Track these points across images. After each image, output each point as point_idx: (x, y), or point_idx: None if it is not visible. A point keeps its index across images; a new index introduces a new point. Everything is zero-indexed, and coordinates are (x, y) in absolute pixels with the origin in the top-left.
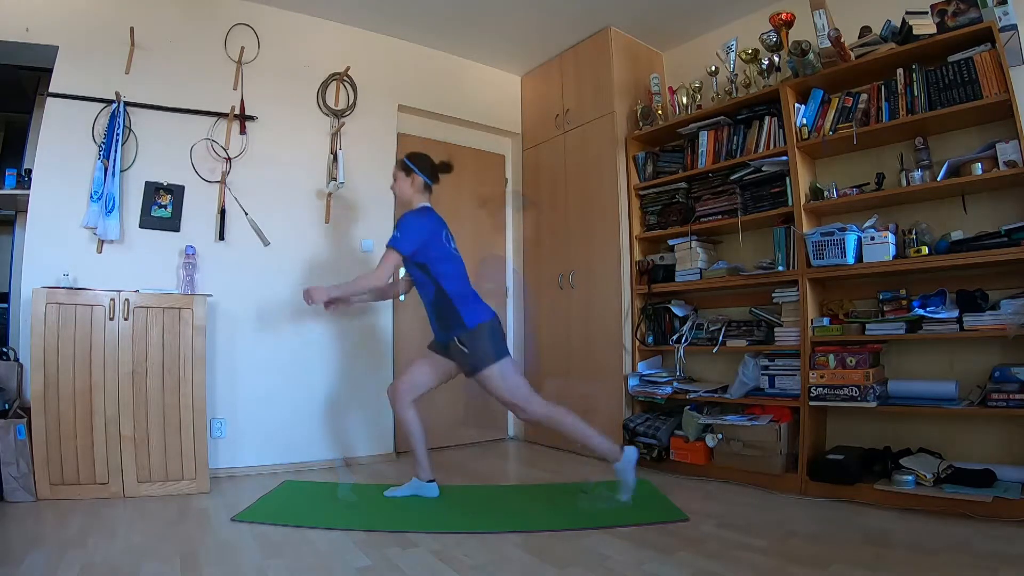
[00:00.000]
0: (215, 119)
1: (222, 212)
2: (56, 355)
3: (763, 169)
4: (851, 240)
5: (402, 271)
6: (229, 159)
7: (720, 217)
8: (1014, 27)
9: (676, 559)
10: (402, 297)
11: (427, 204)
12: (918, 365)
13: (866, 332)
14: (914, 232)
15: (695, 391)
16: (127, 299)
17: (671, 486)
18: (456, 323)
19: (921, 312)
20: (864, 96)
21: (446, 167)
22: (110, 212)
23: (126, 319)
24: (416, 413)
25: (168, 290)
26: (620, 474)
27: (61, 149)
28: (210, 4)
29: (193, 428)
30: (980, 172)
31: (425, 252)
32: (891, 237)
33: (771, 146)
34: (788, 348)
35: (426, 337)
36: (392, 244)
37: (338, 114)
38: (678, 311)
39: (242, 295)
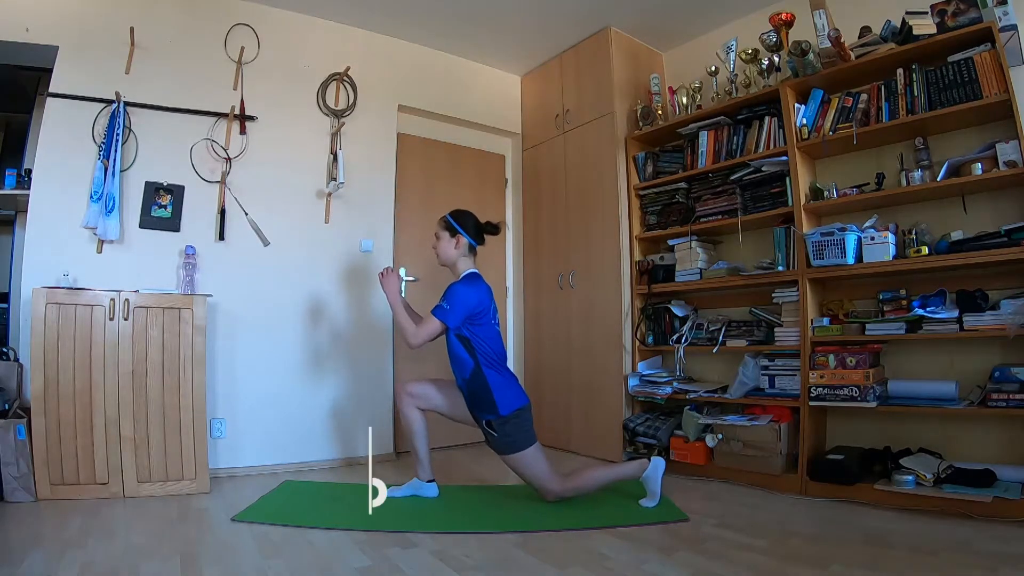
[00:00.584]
0: (215, 119)
1: (222, 212)
2: (56, 355)
3: (763, 169)
4: (851, 240)
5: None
6: (229, 159)
7: (720, 217)
8: (1014, 27)
9: (676, 559)
10: None
11: (475, 270)
12: (918, 365)
13: (866, 332)
14: (914, 232)
15: (695, 391)
16: (127, 299)
17: (671, 486)
18: (489, 407)
19: (921, 312)
20: (864, 96)
21: (493, 229)
22: (110, 212)
23: (126, 319)
24: (420, 414)
25: (168, 290)
26: (646, 483)
27: (61, 149)
28: (210, 4)
29: (193, 428)
30: (980, 172)
31: (471, 327)
32: (891, 237)
33: (771, 146)
34: (788, 348)
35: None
36: (439, 316)
37: (338, 114)
38: (678, 311)
39: (242, 295)
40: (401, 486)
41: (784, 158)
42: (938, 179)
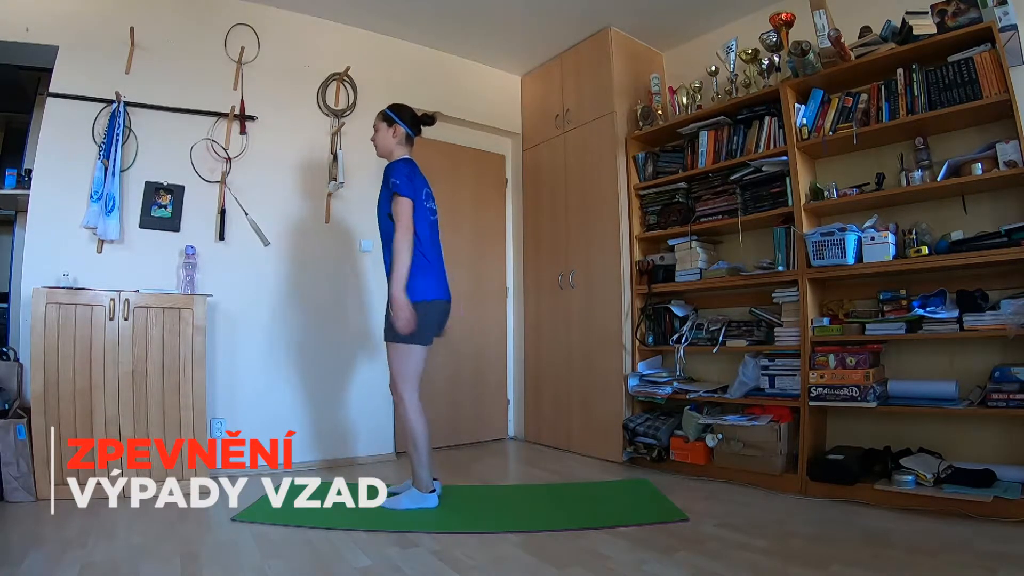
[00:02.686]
0: (215, 119)
1: (222, 212)
2: (56, 355)
3: (763, 169)
4: (851, 240)
5: None
6: (229, 159)
7: (720, 217)
8: (1014, 27)
9: (676, 559)
10: None
11: (409, 156)
12: (918, 365)
13: (866, 332)
14: (914, 232)
15: (695, 391)
16: (127, 299)
17: (671, 486)
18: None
19: (921, 312)
20: (864, 96)
21: (428, 119)
22: (110, 212)
23: (126, 319)
24: (425, 418)
25: (168, 290)
26: (406, 493)
27: (61, 149)
28: (210, 4)
29: (193, 428)
30: (980, 172)
31: None
32: (891, 237)
33: (771, 146)
34: (788, 348)
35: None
36: (401, 192)
37: (338, 114)
38: (678, 311)
39: (242, 295)
40: (399, 494)
41: (784, 158)
42: (938, 179)
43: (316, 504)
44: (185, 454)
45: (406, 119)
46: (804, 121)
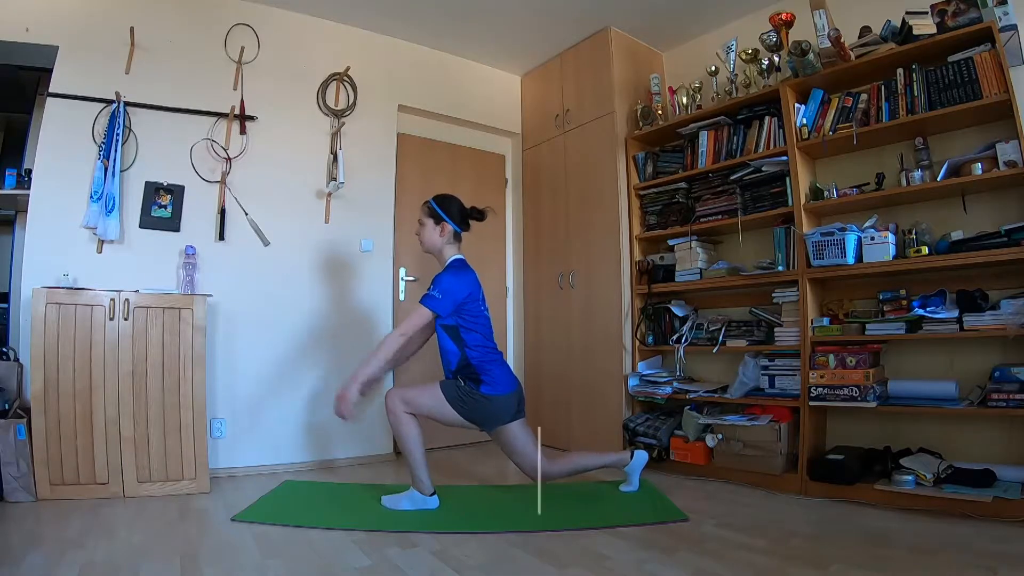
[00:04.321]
0: (215, 119)
1: (222, 212)
2: (56, 355)
3: (763, 169)
4: (851, 240)
5: None
6: (229, 159)
7: (720, 217)
8: (1014, 27)
9: (676, 559)
10: None
11: (461, 257)
12: (918, 365)
13: (866, 332)
14: (914, 232)
15: (695, 391)
16: (127, 299)
17: (671, 486)
18: (476, 382)
19: (921, 312)
20: (864, 96)
21: (479, 214)
22: (110, 212)
23: (126, 319)
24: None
25: (168, 290)
26: (406, 494)
27: (61, 149)
28: (210, 4)
29: (193, 428)
30: (980, 172)
31: (459, 315)
32: (891, 237)
33: (771, 146)
34: (788, 348)
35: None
36: (429, 304)
37: (338, 114)
38: (678, 311)
39: (242, 295)
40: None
41: (784, 158)
42: (938, 179)
43: (316, 504)
44: (185, 454)
45: (454, 216)
46: (804, 121)
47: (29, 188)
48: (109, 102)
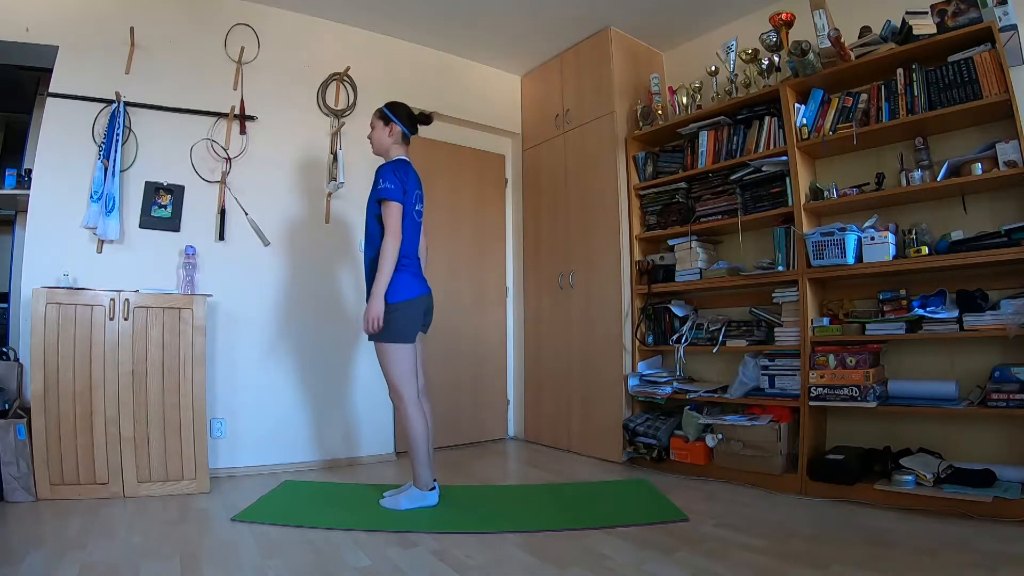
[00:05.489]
0: (215, 119)
1: (222, 212)
2: (56, 355)
3: (763, 169)
4: (851, 240)
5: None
6: (229, 159)
7: (720, 217)
8: (1014, 27)
9: (676, 559)
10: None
11: (404, 156)
12: (918, 365)
13: (866, 332)
14: (914, 232)
15: (695, 391)
16: (127, 299)
17: (671, 486)
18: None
19: (921, 312)
20: (864, 96)
21: (425, 118)
22: (110, 212)
23: (126, 319)
24: (424, 416)
25: (168, 290)
26: (405, 492)
27: (61, 149)
28: (210, 4)
29: (193, 428)
30: (980, 172)
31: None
32: (891, 237)
33: (771, 146)
34: (788, 348)
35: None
36: (388, 196)
37: (338, 114)
38: (678, 311)
39: (242, 295)
40: (398, 495)
41: (784, 158)
42: (938, 179)
43: (316, 504)
44: (185, 454)
45: (402, 117)
46: (804, 121)
47: (29, 188)
48: (109, 102)
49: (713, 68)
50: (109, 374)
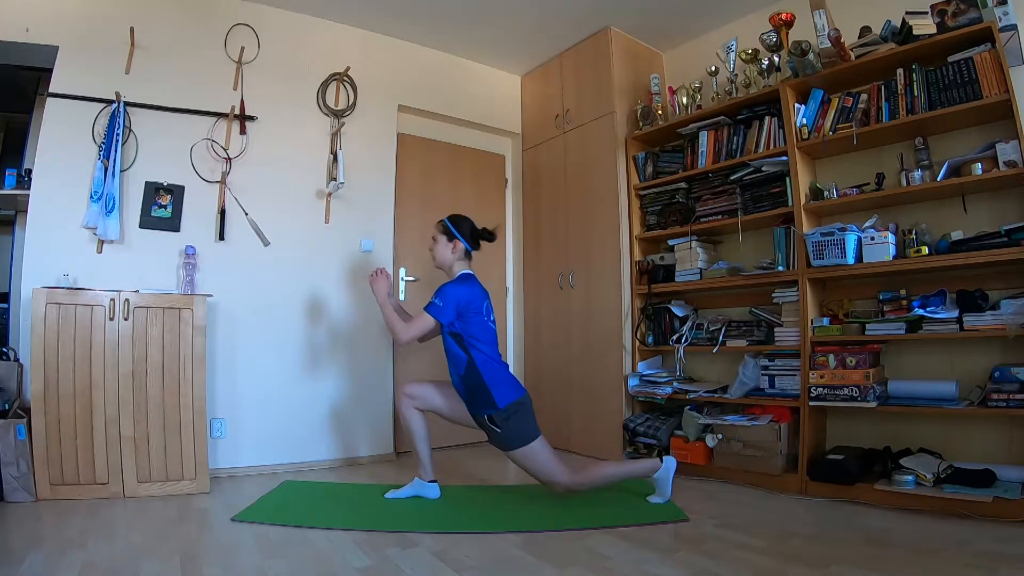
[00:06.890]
0: (215, 119)
1: (222, 212)
2: (56, 355)
3: (763, 169)
4: (851, 240)
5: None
6: (229, 159)
7: (720, 217)
8: (1014, 27)
9: (676, 559)
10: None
11: (469, 271)
12: (918, 365)
13: (866, 332)
14: (914, 232)
15: (695, 391)
16: (127, 299)
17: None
18: (487, 402)
19: (921, 312)
20: (864, 96)
21: (489, 235)
22: (110, 212)
23: (126, 319)
24: (420, 415)
25: (168, 290)
26: (657, 483)
27: (61, 149)
28: (210, 4)
29: (193, 428)
30: (980, 172)
31: (463, 323)
32: (891, 237)
33: (771, 146)
34: (788, 348)
35: (430, 346)
36: (430, 311)
37: (338, 114)
38: (678, 311)
39: (242, 295)
40: (401, 487)
41: (784, 158)
42: (938, 179)
43: (316, 504)
44: (185, 454)
45: (466, 234)
46: (804, 121)
47: (29, 188)
48: (109, 102)
49: (713, 68)
50: (109, 374)
